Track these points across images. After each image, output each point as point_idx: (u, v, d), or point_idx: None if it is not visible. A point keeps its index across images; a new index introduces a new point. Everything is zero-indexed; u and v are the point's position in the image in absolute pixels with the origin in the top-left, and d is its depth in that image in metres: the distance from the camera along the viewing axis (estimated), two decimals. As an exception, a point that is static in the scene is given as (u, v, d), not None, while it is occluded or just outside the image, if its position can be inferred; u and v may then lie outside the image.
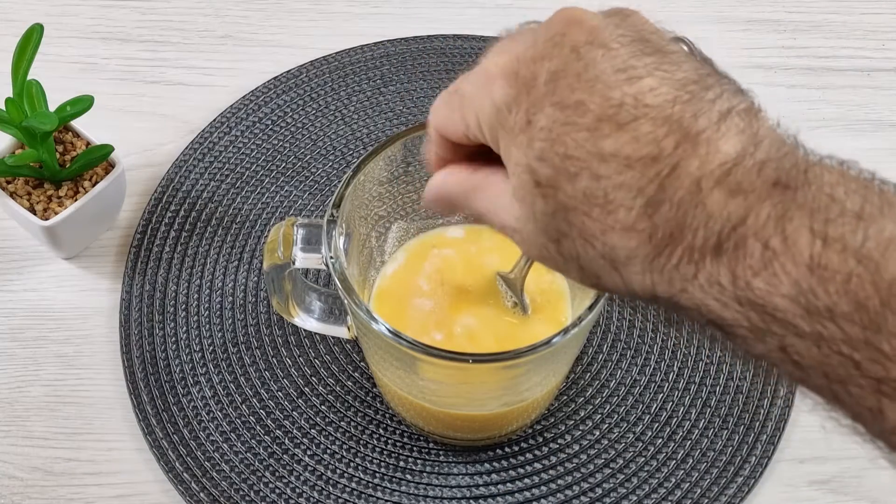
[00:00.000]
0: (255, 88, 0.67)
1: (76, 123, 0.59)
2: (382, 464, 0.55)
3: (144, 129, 0.66)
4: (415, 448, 0.55)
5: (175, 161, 0.64)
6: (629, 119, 0.29)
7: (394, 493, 0.54)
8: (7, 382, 0.57)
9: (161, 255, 0.61)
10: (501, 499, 0.54)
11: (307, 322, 0.51)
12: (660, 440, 0.55)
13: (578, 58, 0.30)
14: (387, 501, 0.53)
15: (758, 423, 0.55)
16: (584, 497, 0.54)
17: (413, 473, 0.54)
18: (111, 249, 0.62)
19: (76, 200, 0.57)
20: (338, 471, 0.54)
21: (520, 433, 0.55)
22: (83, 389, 0.57)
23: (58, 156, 0.58)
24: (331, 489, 0.54)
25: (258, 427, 0.55)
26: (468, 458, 0.55)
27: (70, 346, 0.58)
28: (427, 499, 0.54)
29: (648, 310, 0.59)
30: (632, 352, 0.58)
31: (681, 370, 0.57)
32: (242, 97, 0.67)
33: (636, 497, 0.53)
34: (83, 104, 0.56)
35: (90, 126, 0.59)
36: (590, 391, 0.57)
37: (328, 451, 0.55)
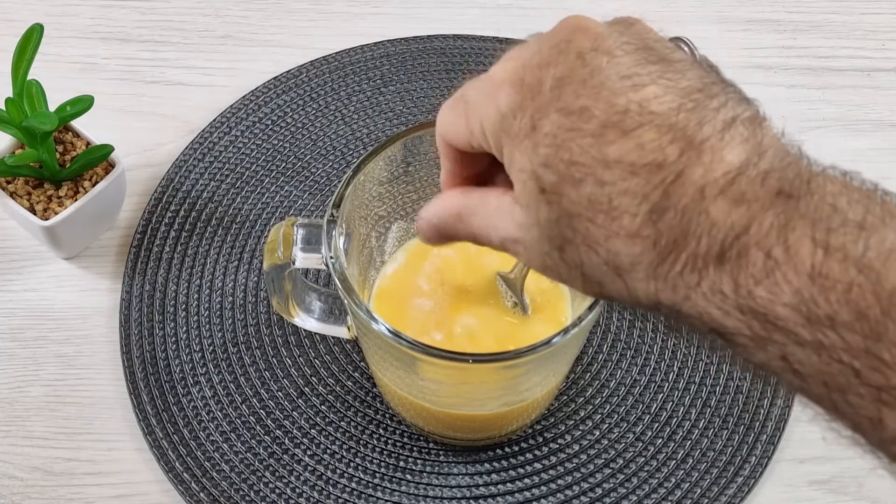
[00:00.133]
0: (255, 88, 0.67)
1: (76, 123, 0.59)
2: (382, 464, 0.55)
3: (144, 129, 0.66)
4: (415, 448, 0.55)
5: (175, 161, 0.64)
6: (634, 126, 0.29)
7: (394, 493, 0.54)
8: (7, 382, 0.57)
9: (161, 255, 0.61)
10: (501, 499, 0.54)
11: (307, 322, 0.51)
12: (660, 440, 0.55)
13: (584, 64, 0.30)
14: (387, 501, 0.53)
15: (758, 423, 0.55)
16: (584, 497, 0.54)
17: (413, 473, 0.54)
18: (111, 249, 0.62)
19: (76, 200, 0.57)
20: (338, 471, 0.54)
21: (520, 433, 0.55)
22: (83, 389, 0.57)
23: (58, 156, 0.58)
24: (331, 489, 0.54)
25: (258, 427, 0.55)
26: (468, 458, 0.55)
27: (70, 346, 0.58)
28: (427, 499, 0.54)
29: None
30: (632, 352, 0.58)
31: (681, 370, 0.57)
32: (242, 97, 0.67)
33: (636, 497, 0.53)
34: (83, 104, 0.56)
35: (90, 126, 0.59)
36: (590, 391, 0.57)
37: (328, 451, 0.55)
